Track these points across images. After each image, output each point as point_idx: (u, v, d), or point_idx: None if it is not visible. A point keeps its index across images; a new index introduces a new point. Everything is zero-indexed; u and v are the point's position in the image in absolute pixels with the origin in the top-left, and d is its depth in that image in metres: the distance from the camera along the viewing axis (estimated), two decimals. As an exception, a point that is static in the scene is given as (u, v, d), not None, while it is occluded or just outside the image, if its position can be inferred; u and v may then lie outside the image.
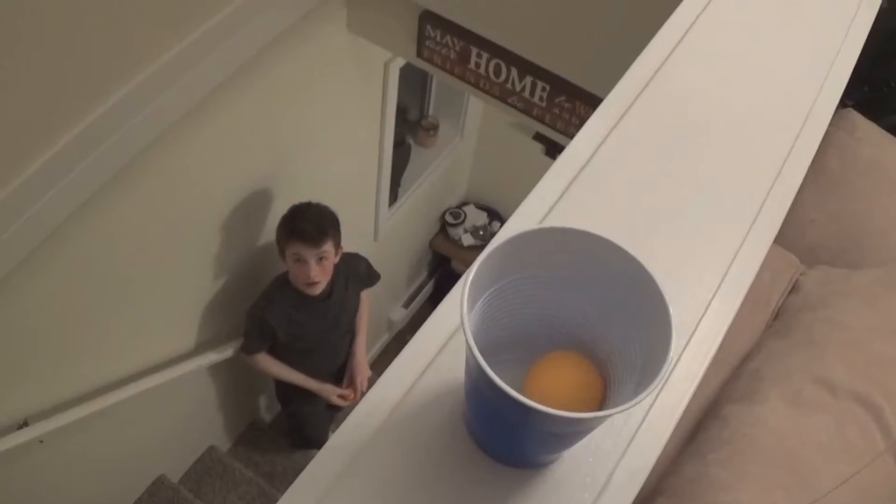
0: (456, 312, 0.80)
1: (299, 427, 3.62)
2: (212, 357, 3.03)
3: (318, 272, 2.63)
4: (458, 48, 2.44)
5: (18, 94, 1.65)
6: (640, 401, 0.57)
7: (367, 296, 3.14)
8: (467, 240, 4.81)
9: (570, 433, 0.66)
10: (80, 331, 2.34)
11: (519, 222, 0.90)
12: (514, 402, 0.56)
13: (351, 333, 3.13)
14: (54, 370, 2.37)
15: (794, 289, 1.11)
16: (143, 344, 2.73)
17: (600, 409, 0.68)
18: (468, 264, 0.63)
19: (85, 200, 1.93)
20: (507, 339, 0.72)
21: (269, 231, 2.89)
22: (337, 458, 0.72)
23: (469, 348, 0.58)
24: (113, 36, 1.77)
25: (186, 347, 2.97)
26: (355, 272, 2.99)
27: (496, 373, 0.57)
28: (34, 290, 2.03)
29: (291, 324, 2.81)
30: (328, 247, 2.60)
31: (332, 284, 2.80)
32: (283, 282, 2.79)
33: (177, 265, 2.60)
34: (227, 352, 3.07)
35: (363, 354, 3.19)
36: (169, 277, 2.59)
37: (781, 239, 0.97)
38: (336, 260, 2.72)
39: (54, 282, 2.09)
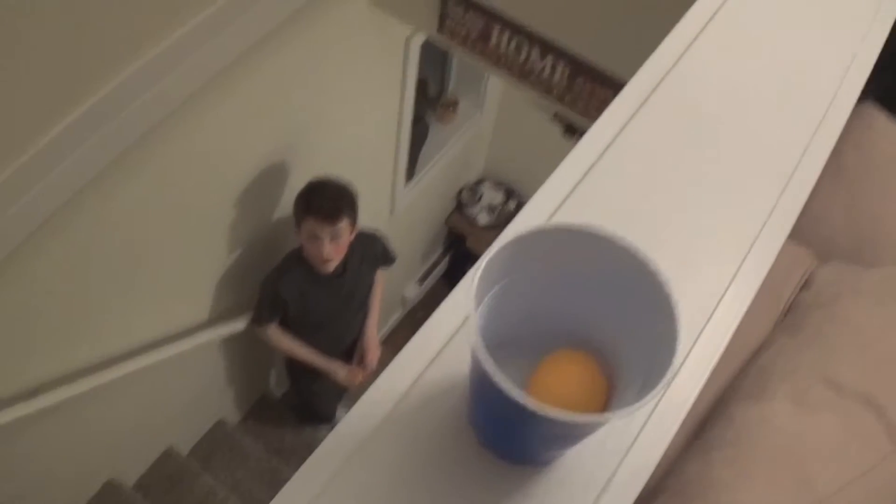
0: (463, 304, 0.80)
1: (308, 403, 3.65)
2: (224, 330, 3.04)
3: (331, 250, 2.63)
4: (479, 26, 2.42)
5: (24, 73, 1.65)
6: (643, 405, 0.56)
7: (381, 275, 3.15)
8: (483, 219, 4.79)
9: (572, 434, 0.66)
10: (92, 303, 2.36)
11: (531, 214, 0.89)
12: (517, 403, 0.56)
13: (363, 311, 3.14)
14: (67, 340, 2.39)
15: (806, 284, 1.10)
16: (155, 316, 2.75)
17: (605, 409, 0.68)
18: (483, 244, 0.63)
19: (101, 170, 1.93)
20: (514, 334, 0.72)
21: (284, 205, 2.89)
22: (342, 446, 0.72)
23: (475, 347, 0.58)
24: (127, 10, 1.76)
25: (199, 320, 2.99)
26: (371, 251, 2.99)
27: (500, 368, 0.57)
28: (47, 262, 2.05)
29: (303, 298, 2.82)
30: (343, 224, 2.60)
31: (345, 261, 2.81)
32: (298, 256, 2.79)
33: (191, 238, 2.61)
34: (239, 325, 3.08)
35: (374, 333, 3.20)
36: (183, 250, 2.60)
37: (795, 233, 0.97)
38: (350, 238, 2.72)
39: (67, 254, 2.10)
